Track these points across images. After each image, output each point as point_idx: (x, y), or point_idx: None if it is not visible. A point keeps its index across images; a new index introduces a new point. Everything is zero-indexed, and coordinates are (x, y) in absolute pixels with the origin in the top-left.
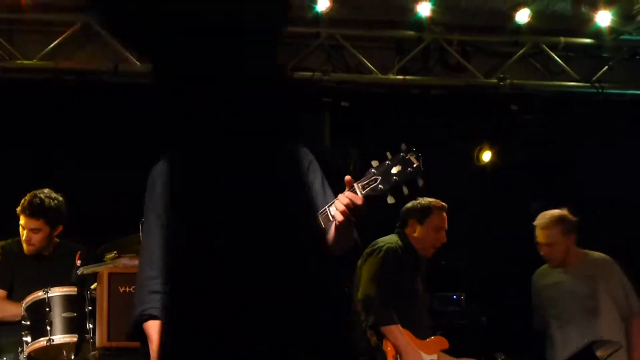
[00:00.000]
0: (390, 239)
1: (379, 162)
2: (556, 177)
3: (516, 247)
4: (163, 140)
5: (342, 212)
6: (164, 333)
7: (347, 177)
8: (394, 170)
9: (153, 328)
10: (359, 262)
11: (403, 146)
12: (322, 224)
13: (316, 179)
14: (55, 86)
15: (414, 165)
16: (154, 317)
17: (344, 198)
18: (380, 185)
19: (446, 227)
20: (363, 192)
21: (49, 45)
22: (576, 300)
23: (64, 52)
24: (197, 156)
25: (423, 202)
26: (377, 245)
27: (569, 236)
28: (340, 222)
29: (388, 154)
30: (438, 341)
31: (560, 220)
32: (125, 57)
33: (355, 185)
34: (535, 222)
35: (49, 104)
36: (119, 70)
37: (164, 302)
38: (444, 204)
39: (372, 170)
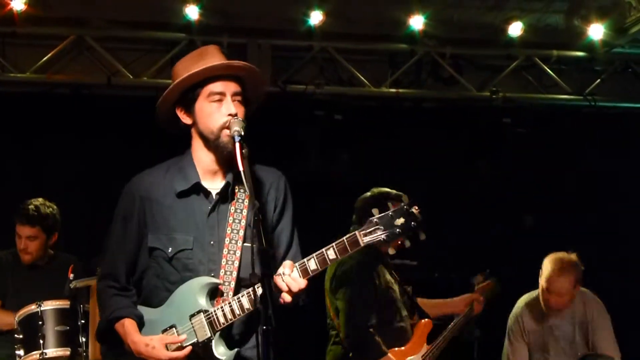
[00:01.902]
0: None
1: (380, 212)
2: (548, 189)
3: (509, 260)
4: None
5: (289, 294)
6: None
7: (288, 262)
8: (397, 222)
9: (122, 326)
10: (327, 284)
11: (405, 198)
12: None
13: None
14: (48, 99)
15: (418, 220)
16: (122, 317)
17: (290, 282)
18: (382, 236)
19: None
20: (365, 240)
21: (42, 58)
22: (566, 344)
23: (56, 66)
24: None
25: (376, 191)
26: (343, 267)
27: (578, 286)
28: (287, 303)
29: (389, 204)
30: (420, 331)
31: (573, 268)
32: (118, 71)
33: (357, 234)
34: (545, 268)
35: (42, 117)
36: (111, 83)
37: (127, 302)
38: (400, 193)
39: (375, 219)
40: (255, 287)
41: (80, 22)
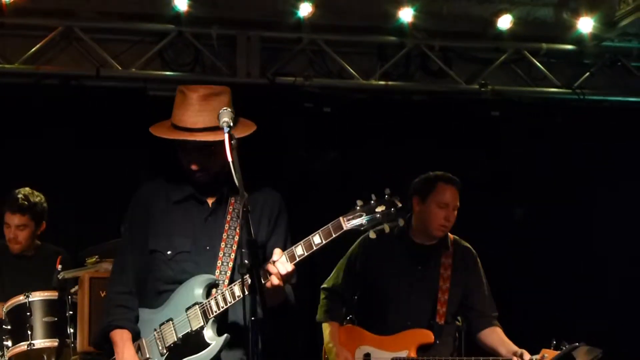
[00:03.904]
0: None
1: (364, 201)
2: (538, 182)
3: (497, 253)
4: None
5: (278, 278)
6: None
7: (276, 249)
8: (379, 209)
9: (119, 335)
10: None
11: (387, 191)
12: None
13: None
14: (37, 90)
15: (398, 207)
16: (119, 327)
17: (280, 266)
18: (364, 221)
19: (457, 204)
20: (348, 226)
21: (31, 49)
22: None
23: (45, 56)
24: None
25: (426, 175)
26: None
27: None
28: (275, 286)
29: (373, 195)
30: (414, 335)
31: None
32: (107, 62)
33: (340, 219)
34: None
35: (31, 108)
36: (100, 75)
37: (129, 316)
38: (453, 177)
39: (357, 207)
40: (246, 276)
41: (69, 13)
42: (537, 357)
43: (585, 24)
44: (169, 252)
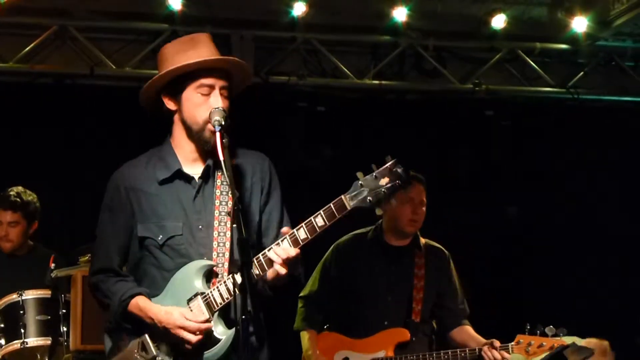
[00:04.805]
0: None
1: (364, 174)
2: (531, 182)
3: (490, 252)
4: None
5: (282, 265)
6: None
7: (284, 229)
8: (382, 182)
9: (136, 306)
10: None
11: (388, 158)
12: (264, 267)
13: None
14: (31, 89)
15: (402, 177)
16: (133, 296)
17: (281, 253)
18: (369, 197)
19: (423, 199)
20: (351, 204)
21: (25, 48)
22: None
23: (39, 55)
24: None
25: None
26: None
27: None
28: (281, 275)
29: (373, 165)
30: (390, 334)
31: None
32: (101, 61)
33: (343, 197)
34: None
35: (25, 107)
36: (94, 74)
37: (132, 284)
38: (416, 174)
39: (359, 182)
40: (242, 270)
41: (63, 12)
42: (512, 343)
43: (580, 24)
44: (160, 237)
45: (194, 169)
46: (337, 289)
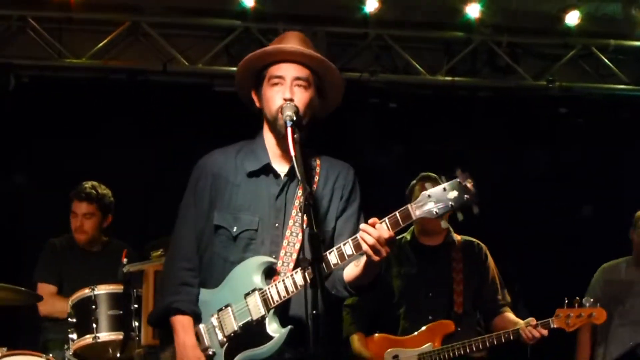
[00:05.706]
0: None
1: (433, 185)
2: (605, 180)
3: (569, 249)
4: None
5: (372, 248)
6: None
7: (372, 219)
8: (450, 195)
9: (180, 323)
10: None
11: (458, 172)
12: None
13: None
14: (104, 85)
15: (471, 193)
16: (181, 312)
17: (373, 232)
18: (435, 210)
19: None
20: (417, 214)
21: (98, 44)
22: None
23: (112, 51)
24: None
25: (421, 175)
26: None
27: None
28: (376, 260)
29: (443, 178)
30: (436, 327)
31: None
32: (174, 57)
33: (409, 207)
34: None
35: (98, 103)
36: (167, 70)
37: (192, 297)
38: (431, 175)
39: (427, 193)
40: (308, 267)
41: (136, 8)
42: (552, 318)
43: None
44: (234, 229)
45: (281, 167)
46: (379, 292)
